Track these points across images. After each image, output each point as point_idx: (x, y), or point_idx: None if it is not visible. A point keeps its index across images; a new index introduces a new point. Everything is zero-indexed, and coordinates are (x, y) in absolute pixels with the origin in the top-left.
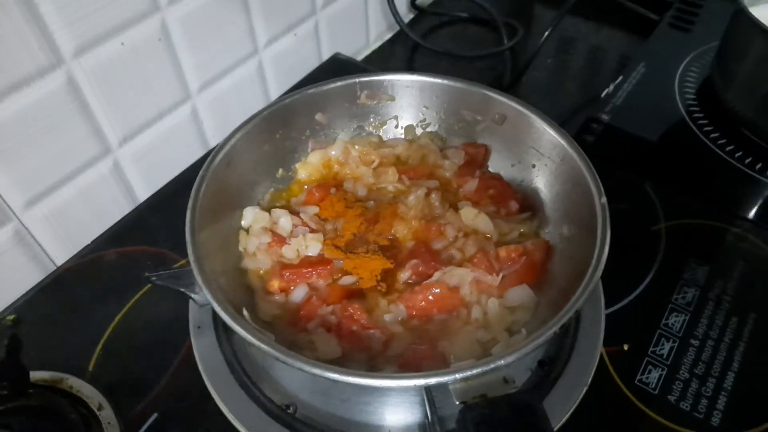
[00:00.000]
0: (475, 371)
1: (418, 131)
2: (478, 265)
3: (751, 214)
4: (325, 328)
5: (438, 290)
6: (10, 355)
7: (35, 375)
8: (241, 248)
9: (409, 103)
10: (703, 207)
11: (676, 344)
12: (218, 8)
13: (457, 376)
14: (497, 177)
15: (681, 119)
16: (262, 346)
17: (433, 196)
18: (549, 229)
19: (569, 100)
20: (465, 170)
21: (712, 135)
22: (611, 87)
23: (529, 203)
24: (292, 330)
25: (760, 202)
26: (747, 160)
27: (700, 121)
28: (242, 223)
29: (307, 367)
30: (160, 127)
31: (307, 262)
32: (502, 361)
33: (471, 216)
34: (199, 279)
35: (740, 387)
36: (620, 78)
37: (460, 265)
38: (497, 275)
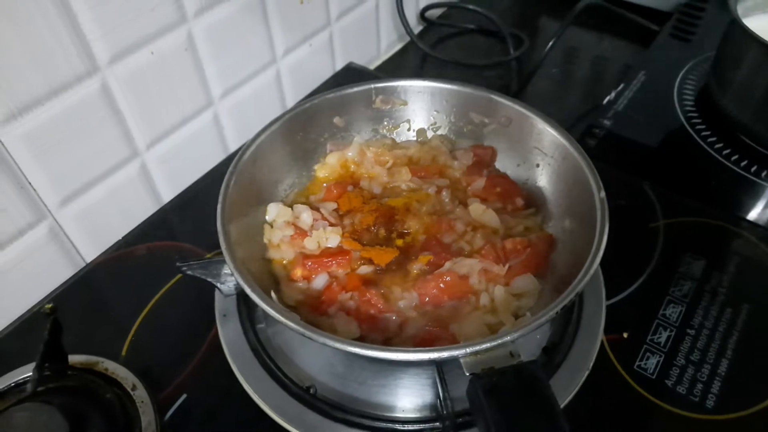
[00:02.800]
0: (484, 346)
1: (429, 134)
2: (486, 256)
3: (746, 213)
4: (345, 311)
5: (449, 278)
6: (52, 338)
7: (73, 358)
8: (265, 240)
9: (420, 107)
10: (700, 206)
11: (673, 333)
12: (240, 20)
13: (468, 350)
14: (504, 176)
15: (680, 124)
16: (289, 323)
17: (444, 193)
18: (552, 223)
19: (573, 106)
20: (473, 170)
21: (710, 139)
22: (612, 94)
23: (533, 200)
24: (314, 313)
25: (754, 202)
26: (743, 163)
27: (698, 126)
28: (267, 217)
29: (330, 342)
30: (184, 132)
31: (328, 253)
32: (509, 337)
33: (479, 212)
34: (231, 264)
35: (733, 373)
36: (621, 85)
37: (469, 256)
38: (504, 265)
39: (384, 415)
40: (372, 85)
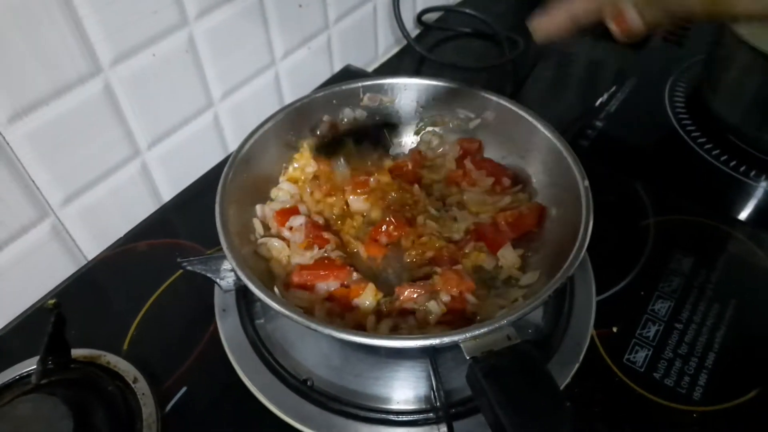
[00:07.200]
0: (482, 330)
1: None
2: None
3: (735, 212)
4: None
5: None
6: (56, 331)
7: (76, 352)
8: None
9: (407, 103)
10: (690, 205)
11: (661, 327)
12: (240, 23)
13: (467, 335)
14: (489, 159)
15: (671, 126)
16: (293, 315)
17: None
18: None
19: (566, 108)
20: (461, 163)
21: (700, 140)
22: (605, 96)
23: (519, 179)
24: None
25: (743, 201)
26: (732, 164)
27: (689, 128)
28: (258, 213)
29: (335, 333)
30: (185, 132)
31: (323, 265)
32: (505, 321)
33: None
34: (229, 256)
35: (720, 366)
36: (614, 88)
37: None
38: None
39: (379, 407)
40: (359, 84)
